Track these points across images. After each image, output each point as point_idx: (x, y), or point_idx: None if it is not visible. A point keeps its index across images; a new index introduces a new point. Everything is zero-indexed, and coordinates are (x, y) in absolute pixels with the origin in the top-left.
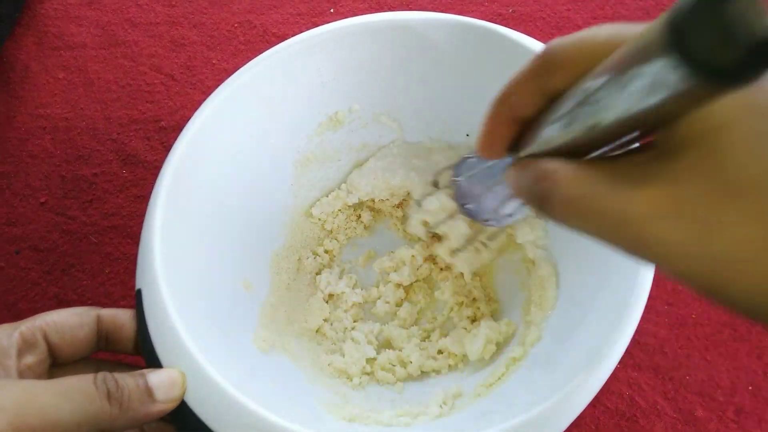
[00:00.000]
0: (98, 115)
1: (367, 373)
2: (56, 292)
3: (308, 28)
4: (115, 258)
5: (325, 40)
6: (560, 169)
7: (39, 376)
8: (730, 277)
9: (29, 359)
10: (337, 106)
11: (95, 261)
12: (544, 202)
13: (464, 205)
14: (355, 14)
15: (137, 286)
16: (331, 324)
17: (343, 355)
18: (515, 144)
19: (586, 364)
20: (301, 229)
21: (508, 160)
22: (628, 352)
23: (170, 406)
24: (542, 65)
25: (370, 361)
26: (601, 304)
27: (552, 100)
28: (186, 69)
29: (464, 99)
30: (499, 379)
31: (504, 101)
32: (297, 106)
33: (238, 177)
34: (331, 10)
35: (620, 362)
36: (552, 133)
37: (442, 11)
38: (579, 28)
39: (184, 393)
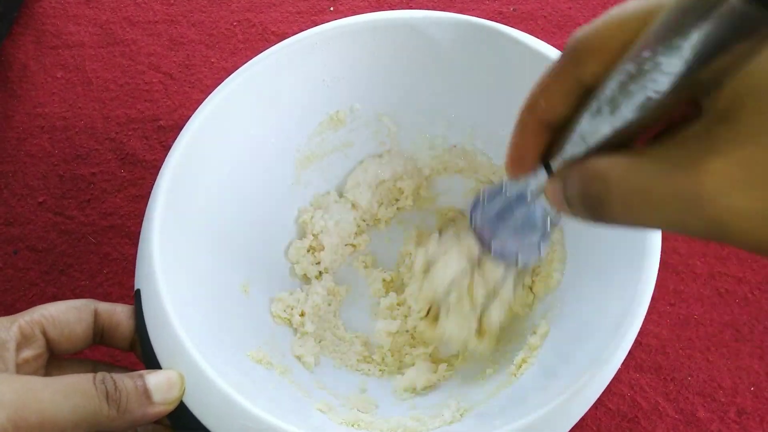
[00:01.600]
0: (96, 115)
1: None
2: (54, 292)
3: (308, 27)
4: (114, 258)
5: (325, 38)
6: (612, 165)
7: (36, 371)
8: None
9: (27, 353)
10: (337, 106)
11: (94, 261)
12: (599, 204)
13: (491, 248)
14: (355, 12)
15: (136, 286)
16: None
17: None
18: (546, 156)
19: (590, 367)
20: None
21: (533, 181)
22: (630, 353)
23: (168, 408)
24: (572, 58)
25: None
26: (604, 307)
27: (585, 96)
28: (185, 68)
29: (466, 97)
30: (505, 383)
31: (533, 107)
32: (297, 105)
33: (237, 177)
34: (331, 9)
35: (622, 363)
36: (595, 126)
37: (442, 9)
38: (580, 26)
39: (182, 395)
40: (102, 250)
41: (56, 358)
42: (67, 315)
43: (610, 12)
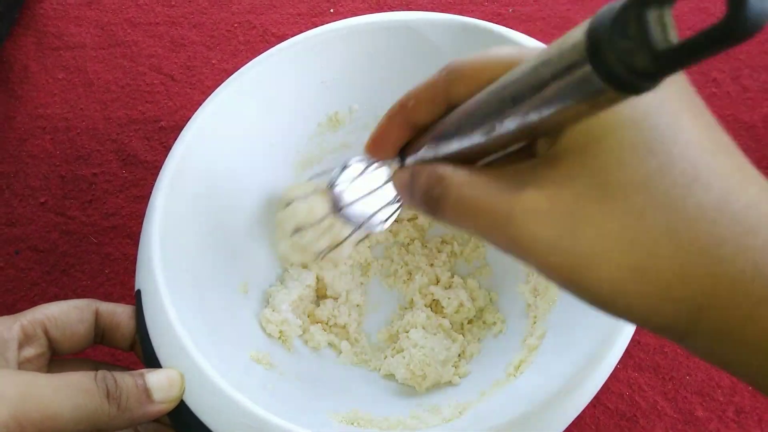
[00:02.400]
0: (98, 116)
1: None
2: (56, 292)
3: (308, 28)
4: (115, 258)
5: (325, 40)
6: (454, 174)
7: (38, 370)
8: (586, 269)
9: (29, 352)
10: (336, 107)
11: (95, 261)
12: (436, 203)
13: (340, 210)
14: (354, 14)
15: (136, 287)
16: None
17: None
18: (403, 149)
19: (586, 364)
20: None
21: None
22: (628, 352)
23: (168, 406)
24: (446, 76)
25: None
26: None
27: (446, 111)
28: (186, 69)
29: None
30: (503, 382)
31: (404, 105)
32: (297, 107)
33: (237, 177)
34: (331, 10)
35: (620, 362)
36: (446, 139)
37: (441, 11)
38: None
39: (182, 394)
40: (103, 250)
41: (57, 358)
42: (68, 315)
43: (488, 50)
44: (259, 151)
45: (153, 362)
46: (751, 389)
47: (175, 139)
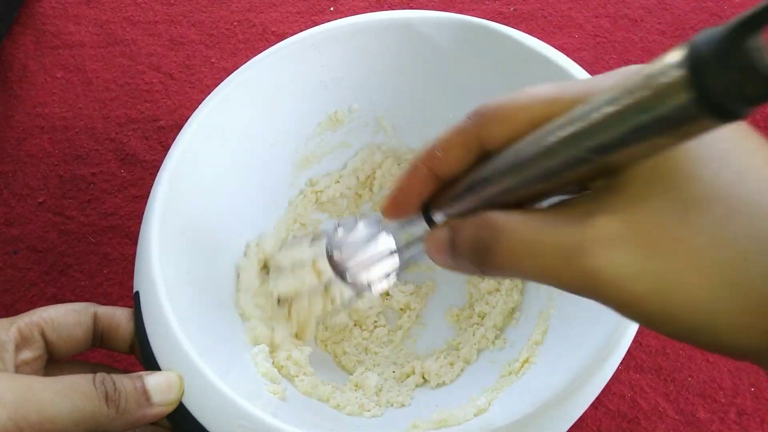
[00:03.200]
0: (96, 115)
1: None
2: (54, 292)
3: (308, 27)
4: (114, 258)
5: (324, 38)
6: (506, 217)
7: (35, 372)
8: (679, 293)
9: (26, 355)
10: (336, 106)
11: (93, 261)
12: (487, 252)
13: (345, 276)
14: (354, 13)
15: (135, 288)
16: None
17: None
18: (425, 206)
19: (588, 366)
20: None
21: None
22: (630, 354)
23: (167, 409)
24: (477, 121)
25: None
26: (604, 306)
27: (479, 158)
28: (185, 68)
29: (464, 98)
30: (504, 381)
31: (431, 155)
32: (296, 106)
33: (236, 177)
34: (331, 9)
35: (622, 364)
36: (491, 187)
37: (443, 10)
38: (580, 26)
39: (181, 396)
40: (102, 250)
41: (55, 360)
42: (66, 318)
43: (521, 91)
44: (259, 150)
45: (151, 364)
46: (753, 390)
47: (174, 139)
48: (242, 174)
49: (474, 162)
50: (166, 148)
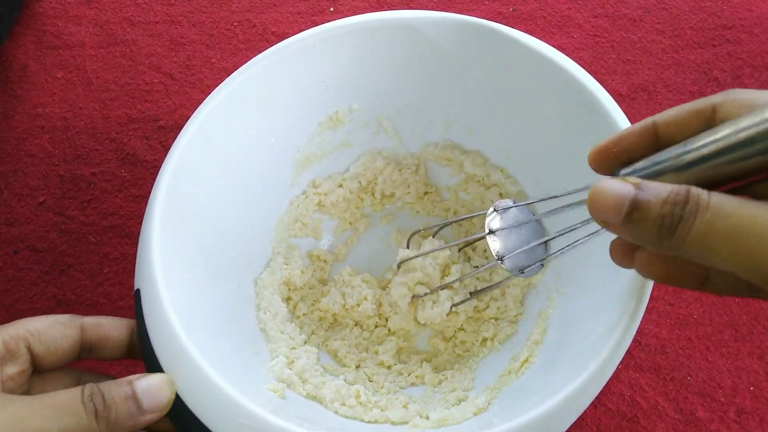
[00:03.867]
0: (97, 115)
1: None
2: (55, 292)
3: (308, 27)
4: (114, 258)
5: (325, 38)
6: (713, 195)
7: (20, 386)
8: None
9: (11, 369)
10: (337, 105)
11: (94, 261)
12: (680, 222)
13: (503, 258)
14: (354, 13)
15: (136, 286)
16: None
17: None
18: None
19: (588, 366)
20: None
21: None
22: (630, 353)
23: (159, 414)
24: (721, 98)
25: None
26: (603, 306)
27: (706, 128)
28: (185, 68)
29: (464, 97)
30: (504, 380)
31: (662, 117)
32: (297, 105)
33: (237, 177)
34: (331, 9)
35: (621, 363)
36: (709, 161)
37: (442, 10)
38: (579, 26)
39: (173, 399)
40: (102, 249)
41: (39, 372)
42: (52, 330)
43: None
44: (259, 149)
45: (152, 361)
46: (752, 390)
47: (175, 139)
48: (242, 173)
49: (694, 133)
50: (166, 148)
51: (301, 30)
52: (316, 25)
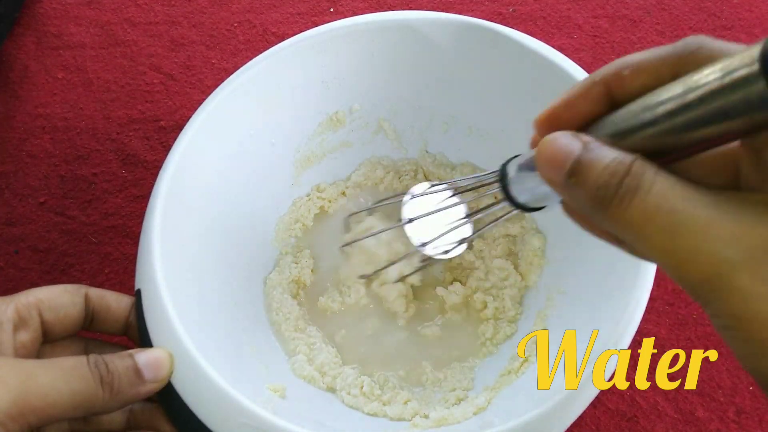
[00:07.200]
0: (98, 115)
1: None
2: None
3: (308, 28)
4: (115, 258)
5: (325, 39)
6: (660, 174)
7: (31, 353)
8: None
9: (24, 336)
10: (337, 106)
11: (94, 261)
12: (616, 197)
13: (425, 244)
14: (355, 13)
15: (137, 286)
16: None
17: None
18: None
19: (587, 365)
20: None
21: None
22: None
23: (158, 386)
24: (684, 47)
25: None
26: (602, 305)
27: (666, 82)
28: (185, 69)
29: (464, 97)
30: (504, 380)
31: (615, 76)
32: (297, 106)
33: (238, 177)
34: (331, 10)
35: None
36: (654, 116)
37: (442, 10)
38: (579, 27)
39: (171, 372)
40: (103, 249)
41: (49, 340)
42: (62, 298)
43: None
44: (260, 150)
45: None
46: (751, 390)
47: (175, 139)
48: (243, 173)
49: (659, 84)
50: (167, 148)
51: (302, 30)
52: (317, 26)
